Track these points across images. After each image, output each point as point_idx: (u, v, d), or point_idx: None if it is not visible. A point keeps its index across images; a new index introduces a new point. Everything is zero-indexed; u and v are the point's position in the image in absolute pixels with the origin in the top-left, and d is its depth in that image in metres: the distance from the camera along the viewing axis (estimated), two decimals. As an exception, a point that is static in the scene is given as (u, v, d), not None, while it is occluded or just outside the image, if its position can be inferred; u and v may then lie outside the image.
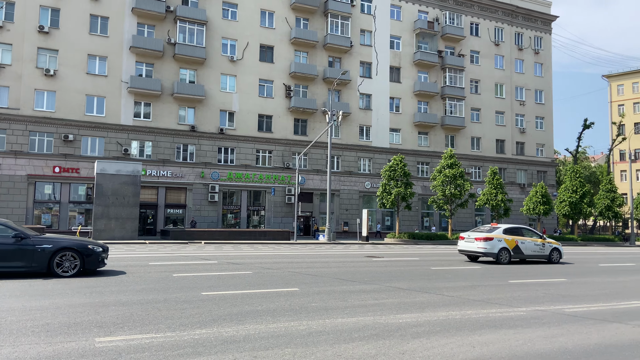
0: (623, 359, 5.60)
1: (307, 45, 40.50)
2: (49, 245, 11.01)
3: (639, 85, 69.90)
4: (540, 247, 19.05)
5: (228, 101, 37.61)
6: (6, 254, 10.59)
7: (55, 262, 10.96)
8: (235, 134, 37.56)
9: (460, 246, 19.36)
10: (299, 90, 40.34)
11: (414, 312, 8.01)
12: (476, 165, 47.06)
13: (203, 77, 36.92)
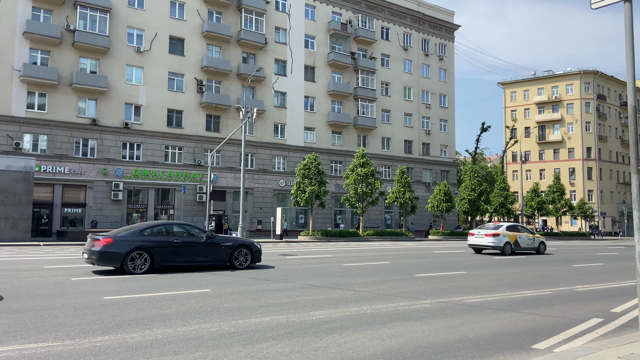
0: (517, 345, 6.07)
1: (220, 40, 39.64)
2: (229, 243, 13.90)
3: (529, 92, 76.58)
4: (532, 241, 23.02)
5: (134, 94, 35.75)
6: (202, 251, 13.27)
7: (234, 257, 13.67)
8: (142, 128, 35.80)
9: (471, 241, 22.84)
10: (211, 86, 39.38)
11: (328, 308, 8.12)
12: (386, 164, 48.88)
13: (106, 68, 34.76)
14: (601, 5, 5.23)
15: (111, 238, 12.17)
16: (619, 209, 72.41)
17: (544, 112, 74.89)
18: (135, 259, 12.16)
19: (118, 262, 12.03)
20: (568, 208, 55.19)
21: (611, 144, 74.91)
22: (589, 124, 71.86)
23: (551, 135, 73.77)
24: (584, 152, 71.09)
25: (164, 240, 12.81)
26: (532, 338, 6.37)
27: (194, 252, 13.19)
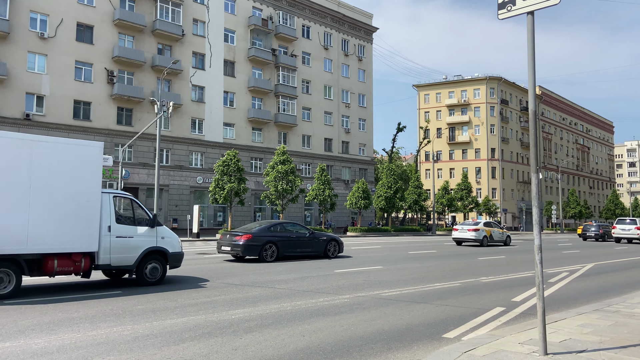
0: (429, 334, 6.37)
1: (133, 29, 37.75)
2: (323, 237, 17.61)
3: (441, 95, 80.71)
4: (502, 235, 28.22)
5: (36, 83, 33.07)
6: (307, 243, 17.06)
7: (327, 249, 17.42)
8: (45, 120, 33.22)
9: (455, 235, 27.71)
10: (123, 77, 37.41)
11: (247, 307, 8.02)
12: (306, 162, 49.26)
13: (5, 54, 31.84)
14: (507, 17, 5.60)
15: (250, 234, 15.88)
16: (518, 205, 78.48)
17: (454, 115, 79.28)
18: (267, 249, 15.86)
19: (257, 253, 15.70)
20: (474, 205, 58.91)
21: (512, 146, 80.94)
22: (494, 126, 77.14)
23: (460, 137, 78.30)
24: (488, 152, 76.21)
25: (284, 236, 16.73)
26: (443, 327, 6.72)
27: (303, 245, 17.15)
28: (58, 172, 9.02)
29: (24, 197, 8.54)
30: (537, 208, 5.16)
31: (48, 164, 8.90)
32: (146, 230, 10.41)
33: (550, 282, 11.68)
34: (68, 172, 9.16)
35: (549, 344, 5.15)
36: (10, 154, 8.51)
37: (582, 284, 11.65)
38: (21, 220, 8.47)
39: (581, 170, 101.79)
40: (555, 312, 7.50)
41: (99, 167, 9.68)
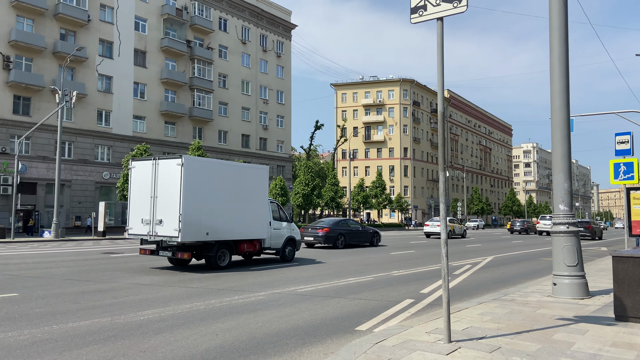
0: (343, 328, 6.50)
1: (33, 12, 34.82)
2: (370, 230, 24.52)
3: (358, 95, 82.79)
4: (460, 229, 35.44)
5: None
6: (361, 235, 23.52)
7: (374, 239, 24.07)
8: None
9: (426, 230, 34.96)
10: (21, 63, 34.41)
11: (158, 307, 7.70)
12: (223, 157, 48.29)
13: None
14: (418, 21, 5.82)
15: (328, 227, 21.92)
16: (427, 202, 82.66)
17: (370, 114, 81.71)
18: (338, 239, 21.86)
19: (332, 242, 21.65)
20: (388, 202, 61.16)
21: (423, 146, 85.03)
22: (406, 127, 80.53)
23: (375, 136, 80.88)
24: (401, 152, 79.45)
25: (348, 229, 22.96)
26: (356, 321, 6.89)
27: (359, 236, 23.45)
28: (247, 186, 13.68)
29: (234, 205, 13.17)
30: (444, 204, 5.44)
31: (228, 180, 13.18)
32: (286, 224, 15.68)
33: (455, 274, 12.41)
34: (251, 186, 13.83)
35: (453, 332, 5.46)
36: (223, 175, 13.09)
37: (483, 275, 12.49)
38: (231, 219, 13.10)
39: (483, 169, 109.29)
40: (459, 302, 7.97)
41: (267, 182, 14.58)
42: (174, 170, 12.05)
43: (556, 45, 8.63)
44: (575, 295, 8.06)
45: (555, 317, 6.61)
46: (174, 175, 11.99)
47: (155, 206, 12.31)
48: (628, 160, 16.24)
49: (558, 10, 8.61)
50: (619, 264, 6.40)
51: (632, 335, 5.58)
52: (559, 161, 8.56)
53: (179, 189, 11.82)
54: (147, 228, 12.48)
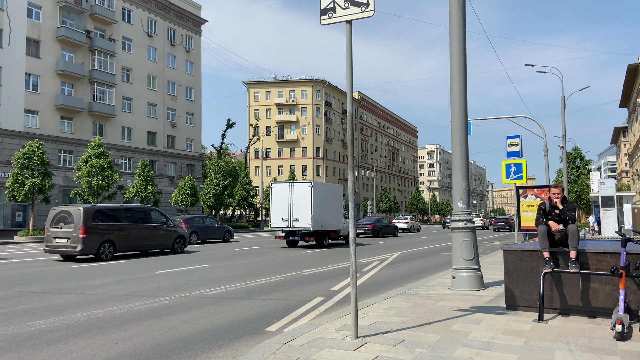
0: (252, 330, 6.41)
1: None
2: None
3: (271, 94, 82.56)
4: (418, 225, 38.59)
5: None
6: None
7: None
8: None
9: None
10: None
11: (51, 316, 7.11)
12: (127, 156, 45.86)
13: None
14: (328, 23, 5.89)
15: (373, 224, 32.98)
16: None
17: (283, 114, 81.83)
18: (378, 232, 33.07)
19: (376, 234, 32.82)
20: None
21: (335, 146, 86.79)
22: (319, 126, 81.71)
23: (288, 135, 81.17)
24: (314, 151, 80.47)
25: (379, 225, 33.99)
26: (266, 321, 6.83)
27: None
28: (333, 197, 23.16)
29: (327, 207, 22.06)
30: (353, 203, 5.54)
31: (328, 194, 22.65)
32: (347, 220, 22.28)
33: (364, 271, 12.77)
34: (335, 197, 23.35)
35: (360, 328, 5.59)
36: (325, 191, 22.62)
37: (390, 271, 12.98)
38: (327, 216, 22.02)
39: (392, 169, 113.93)
40: (367, 298, 8.21)
41: (341, 193, 24.67)
42: (305, 189, 21.30)
43: (455, 54, 9.17)
44: (472, 287, 8.62)
45: (454, 308, 7.02)
46: (305, 192, 21.22)
47: (292, 210, 21.31)
48: (518, 161, 17.70)
49: (457, 21, 9.16)
50: (508, 256, 6.94)
51: (521, 323, 6.07)
52: (458, 162, 9.11)
53: (310, 200, 20.97)
54: (285, 223, 21.50)
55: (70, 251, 15.30)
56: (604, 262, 6.24)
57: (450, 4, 9.23)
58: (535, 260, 6.70)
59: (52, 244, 15.69)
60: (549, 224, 6.58)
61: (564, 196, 6.81)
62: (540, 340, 5.20)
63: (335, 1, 5.76)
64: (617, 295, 6.03)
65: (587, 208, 49.74)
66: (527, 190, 15.79)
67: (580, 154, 52.31)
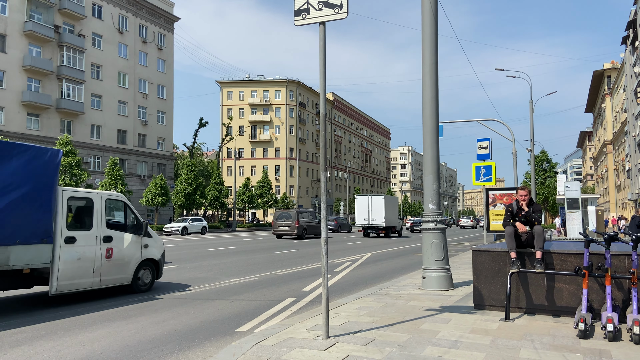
0: (223, 330, 6.36)
1: None
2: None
3: (244, 93, 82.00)
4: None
5: None
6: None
7: None
8: None
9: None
10: None
11: (16, 318, 6.90)
12: (96, 154, 44.87)
13: None
14: (302, 24, 5.89)
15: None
16: (312, 202, 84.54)
17: (256, 113, 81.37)
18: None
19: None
20: (273, 201, 61.38)
21: (308, 146, 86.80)
22: (292, 127, 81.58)
23: (262, 135, 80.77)
24: (287, 151, 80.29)
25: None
26: (237, 322, 6.80)
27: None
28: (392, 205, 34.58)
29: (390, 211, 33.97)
30: (325, 204, 5.57)
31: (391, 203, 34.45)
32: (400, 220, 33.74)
33: (336, 272, 12.83)
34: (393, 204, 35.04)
35: (331, 328, 5.63)
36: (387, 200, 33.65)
37: (361, 271, 13.08)
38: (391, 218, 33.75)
39: (365, 170, 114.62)
40: (338, 298, 8.25)
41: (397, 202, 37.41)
42: (379, 199, 32.59)
43: (427, 57, 9.31)
44: (442, 287, 8.77)
45: (424, 308, 7.12)
46: (379, 201, 32.54)
47: (370, 213, 32.46)
48: (487, 163, 18.05)
49: (429, 25, 9.30)
50: (477, 257, 7.09)
51: (488, 322, 6.20)
52: (429, 164, 9.25)
53: (382, 207, 32.23)
54: (366, 222, 32.52)
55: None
56: (568, 262, 6.44)
57: (422, 8, 9.37)
58: (502, 261, 6.86)
59: None
60: (516, 225, 6.74)
61: (531, 198, 6.99)
62: (506, 339, 5.33)
63: (309, 2, 5.77)
64: (580, 295, 6.23)
65: (553, 210, 51.15)
66: (496, 199, 16.10)
67: (548, 157, 53.76)
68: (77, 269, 7.82)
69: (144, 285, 9.31)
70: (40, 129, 40.13)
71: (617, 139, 68.10)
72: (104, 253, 8.32)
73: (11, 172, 6.90)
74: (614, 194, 71.40)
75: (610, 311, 5.40)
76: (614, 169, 71.39)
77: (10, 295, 8.90)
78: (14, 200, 6.84)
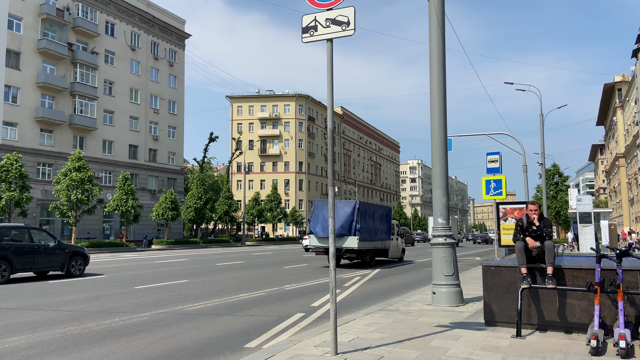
0: (231, 346, 6.34)
1: None
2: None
3: (254, 108, 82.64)
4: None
5: None
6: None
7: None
8: None
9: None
10: None
11: (26, 333, 6.94)
12: (107, 169, 45.31)
13: None
14: (309, 41, 5.95)
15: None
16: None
17: (265, 128, 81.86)
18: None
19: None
20: (283, 215, 61.41)
21: (318, 160, 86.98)
22: (302, 141, 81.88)
23: (271, 149, 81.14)
24: (297, 165, 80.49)
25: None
26: (245, 338, 6.77)
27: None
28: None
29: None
30: (333, 219, 5.57)
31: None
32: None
33: (345, 287, 12.75)
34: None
35: (340, 344, 5.58)
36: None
37: (371, 287, 12.99)
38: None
39: (374, 184, 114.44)
40: (347, 314, 8.19)
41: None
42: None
43: (435, 72, 9.34)
44: (452, 303, 8.67)
45: (434, 324, 7.05)
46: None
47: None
48: (497, 177, 17.96)
49: (437, 40, 9.35)
50: (487, 272, 7.02)
51: (499, 338, 6.12)
52: (438, 178, 9.22)
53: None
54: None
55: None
56: (580, 278, 6.35)
57: (430, 23, 9.42)
58: (513, 276, 6.79)
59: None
60: (526, 240, 6.68)
61: (541, 213, 6.93)
62: (517, 356, 5.25)
63: (317, 20, 5.84)
64: (592, 311, 6.13)
65: (565, 224, 50.57)
66: (507, 213, 15.95)
67: (559, 170, 53.31)
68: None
69: None
70: (53, 145, 40.67)
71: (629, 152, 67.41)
72: None
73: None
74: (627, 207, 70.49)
75: (623, 327, 5.30)
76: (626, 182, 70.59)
77: (20, 309, 8.96)
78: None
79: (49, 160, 40.17)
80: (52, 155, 40.30)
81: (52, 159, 40.33)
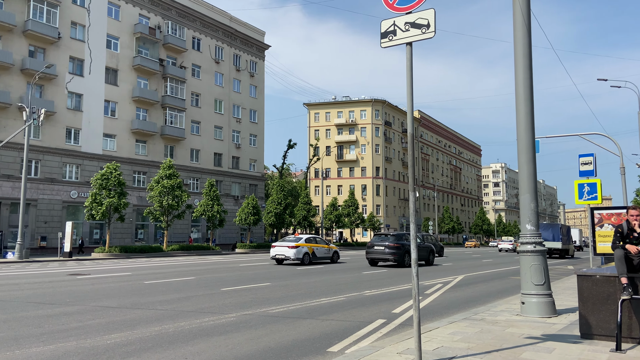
0: (314, 349, 6.45)
1: (1, 28, 34.16)
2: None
3: (330, 114, 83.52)
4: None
5: None
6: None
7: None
8: None
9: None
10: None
11: (125, 330, 7.50)
12: (194, 176, 47.83)
13: None
14: (388, 45, 5.94)
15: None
16: (399, 221, 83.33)
17: (342, 134, 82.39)
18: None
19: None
20: (360, 221, 61.37)
21: (395, 165, 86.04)
22: (378, 146, 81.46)
23: (348, 155, 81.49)
24: (373, 171, 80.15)
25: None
26: (328, 342, 6.85)
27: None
28: None
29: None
30: (414, 224, 5.50)
31: None
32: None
33: (427, 294, 12.49)
34: None
35: (424, 352, 5.49)
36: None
37: (454, 294, 12.61)
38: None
39: (454, 189, 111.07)
40: (430, 322, 8.03)
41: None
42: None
43: (520, 71, 8.94)
44: (543, 314, 8.21)
45: (524, 335, 6.71)
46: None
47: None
48: (591, 180, 16.75)
49: (522, 37, 8.95)
50: (583, 282, 6.58)
51: (597, 352, 5.71)
52: (525, 182, 8.80)
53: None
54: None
55: None
56: (691, 290, 5.77)
57: (514, 19, 9.04)
58: (612, 286, 6.31)
59: None
60: (627, 247, 6.19)
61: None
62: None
63: (396, 24, 5.81)
64: None
65: (672, 230, 45.98)
66: (603, 219, 14.82)
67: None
68: None
69: None
70: (147, 154, 43.67)
71: None
72: None
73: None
74: None
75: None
76: None
77: (120, 307, 9.69)
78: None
79: (143, 169, 43.17)
80: (145, 164, 43.29)
81: (146, 167, 43.31)
